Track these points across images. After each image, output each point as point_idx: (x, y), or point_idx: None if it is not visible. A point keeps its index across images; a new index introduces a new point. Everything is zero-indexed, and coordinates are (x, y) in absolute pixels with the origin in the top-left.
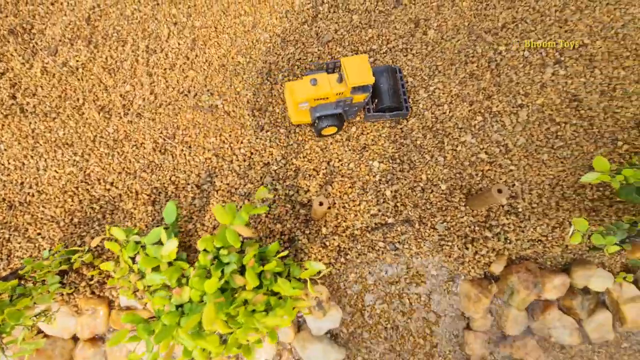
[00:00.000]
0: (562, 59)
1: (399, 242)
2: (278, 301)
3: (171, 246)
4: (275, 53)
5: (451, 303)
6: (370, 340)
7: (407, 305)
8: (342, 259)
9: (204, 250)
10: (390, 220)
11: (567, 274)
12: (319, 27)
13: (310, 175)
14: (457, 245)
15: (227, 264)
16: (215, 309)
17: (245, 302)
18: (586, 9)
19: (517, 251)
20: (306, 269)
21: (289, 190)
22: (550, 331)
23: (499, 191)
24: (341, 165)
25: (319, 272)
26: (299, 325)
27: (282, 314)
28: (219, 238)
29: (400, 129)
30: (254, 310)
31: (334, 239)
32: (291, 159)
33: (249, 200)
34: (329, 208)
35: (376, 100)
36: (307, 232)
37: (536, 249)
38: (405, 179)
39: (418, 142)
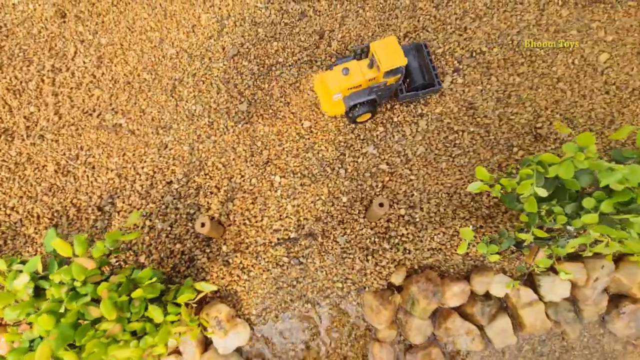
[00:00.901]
0: (461, 67)
1: (302, 256)
2: (153, 328)
3: (21, 281)
4: (182, 69)
5: (358, 315)
6: (280, 356)
7: (316, 320)
8: (246, 277)
9: (60, 282)
10: (293, 235)
11: (468, 281)
12: (224, 41)
13: (211, 193)
14: (359, 258)
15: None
16: (50, 345)
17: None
18: (484, 16)
19: (418, 261)
20: (198, 291)
21: (190, 209)
22: (454, 338)
23: (380, 205)
24: (243, 181)
25: (218, 291)
26: (207, 345)
27: (152, 342)
28: (66, 271)
29: (304, 142)
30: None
31: (236, 257)
32: (193, 177)
33: (150, 220)
34: (203, 225)
35: (407, 80)
36: (208, 251)
37: (437, 258)
38: (307, 193)
39: (320, 155)
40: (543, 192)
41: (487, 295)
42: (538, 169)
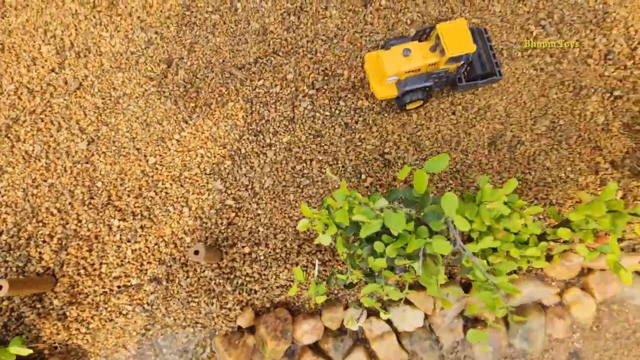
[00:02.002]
0: (312, 92)
1: (147, 303)
2: None
3: None
4: (20, 106)
5: None
6: None
7: None
8: (85, 329)
9: None
10: (135, 281)
11: (320, 316)
12: (66, 75)
13: (43, 242)
14: (204, 301)
15: None
16: None
17: None
18: (335, 38)
19: (268, 299)
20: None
21: (19, 262)
22: None
23: (196, 252)
24: (79, 227)
25: (56, 347)
26: None
27: None
28: None
29: (147, 180)
30: None
31: (72, 310)
32: (25, 225)
33: None
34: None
35: (467, 69)
36: (39, 306)
37: (288, 295)
38: (148, 235)
39: (164, 194)
40: (326, 240)
41: (343, 330)
42: (325, 214)
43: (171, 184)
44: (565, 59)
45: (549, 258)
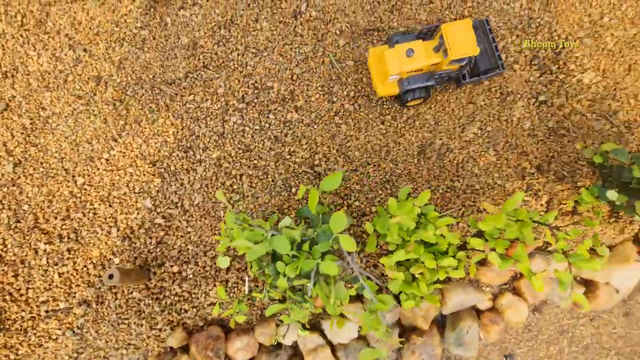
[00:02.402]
0: (242, 106)
1: (77, 326)
2: None
3: None
4: None
5: None
6: None
7: None
8: (14, 356)
9: None
10: (63, 305)
11: (253, 333)
12: None
13: None
14: (134, 322)
15: None
16: None
17: None
18: (265, 51)
19: (201, 317)
20: None
21: None
22: None
23: (110, 277)
24: (4, 251)
25: None
26: None
27: None
28: None
29: (74, 201)
30: None
31: None
32: None
33: None
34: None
35: (472, 65)
36: None
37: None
38: (76, 258)
39: (91, 215)
40: (224, 263)
41: (279, 345)
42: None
43: (99, 204)
44: None
45: (482, 265)
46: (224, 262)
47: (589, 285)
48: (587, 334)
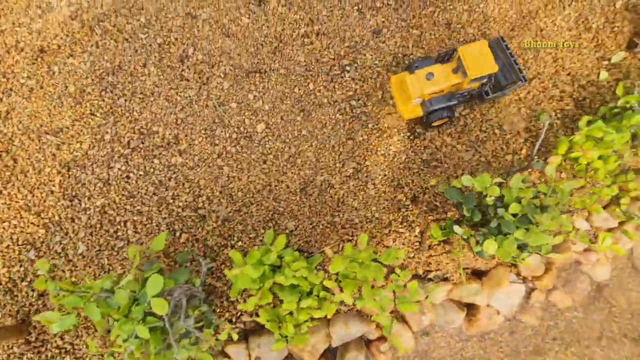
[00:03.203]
0: (127, 152)
1: None
2: None
3: None
4: None
5: None
6: None
7: None
8: None
9: None
10: None
11: None
12: None
13: None
14: None
15: None
16: None
17: None
18: (152, 96)
19: None
20: None
21: None
22: None
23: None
24: None
25: None
26: None
27: None
28: None
29: None
30: None
31: None
32: None
33: None
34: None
35: (493, 82)
36: None
37: None
38: None
39: None
40: (54, 329)
41: None
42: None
43: None
44: (369, 102)
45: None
46: (55, 328)
47: (470, 309)
48: (476, 354)
